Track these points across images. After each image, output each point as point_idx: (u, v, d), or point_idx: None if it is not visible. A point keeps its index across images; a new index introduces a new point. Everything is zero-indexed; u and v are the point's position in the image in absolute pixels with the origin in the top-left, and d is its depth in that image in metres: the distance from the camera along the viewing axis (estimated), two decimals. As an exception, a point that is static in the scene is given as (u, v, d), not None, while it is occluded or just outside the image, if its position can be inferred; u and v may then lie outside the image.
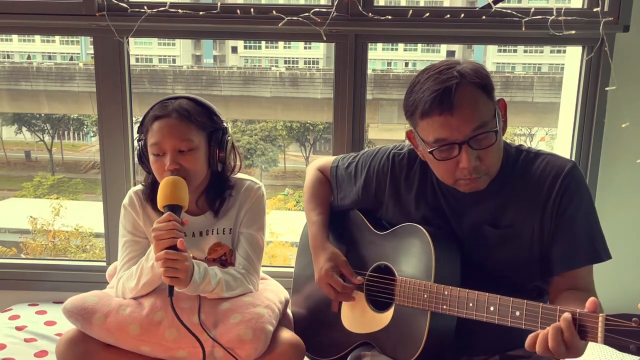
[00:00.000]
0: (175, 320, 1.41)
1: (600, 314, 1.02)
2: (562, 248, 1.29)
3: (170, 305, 1.40)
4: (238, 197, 1.65)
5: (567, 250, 1.29)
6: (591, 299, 1.05)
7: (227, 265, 1.64)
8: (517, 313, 1.15)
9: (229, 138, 1.61)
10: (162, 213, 1.45)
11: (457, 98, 1.20)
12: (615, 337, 0.99)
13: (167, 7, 1.96)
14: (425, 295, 1.31)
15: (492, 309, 1.19)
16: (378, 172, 1.50)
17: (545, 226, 1.31)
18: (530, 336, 1.09)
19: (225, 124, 1.62)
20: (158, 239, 1.40)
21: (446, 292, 1.27)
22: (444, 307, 1.27)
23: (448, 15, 1.96)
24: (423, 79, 1.26)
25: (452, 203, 1.39)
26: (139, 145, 1.59)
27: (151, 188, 1.61)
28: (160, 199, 1.46)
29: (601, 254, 1.30)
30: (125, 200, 1.66)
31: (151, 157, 1.55)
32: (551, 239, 1.31)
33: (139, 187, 1.67)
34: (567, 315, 1.05)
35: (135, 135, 1.63)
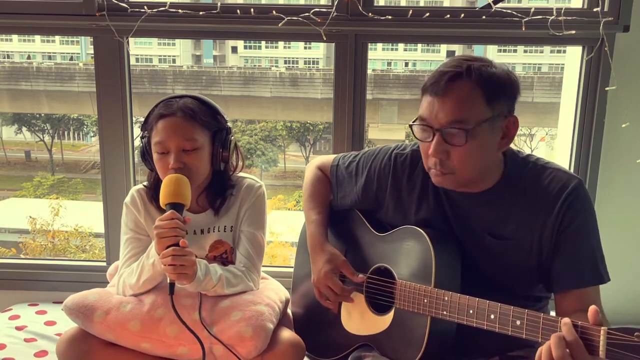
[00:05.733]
0: (176, 316, 1.41)
1: (602, 327, 1.00)
2: (564, 266, 1.27)
3: (170, 304, 1.40)
4: (239, 195, 1.66)
5: (569, 268, 1.27)
6: (591, 307, 1.03)
7: (227, 263, 1.64)
8: (518, 322, 1.13)
9: (232, 138, 1.61)
10: (165, 212, 1.45)
11: (450, 87, 1.22)
12: (618, 352, 0.97)
13: (167, 7, 1.95)
14: (425, 300, 1.30)
15: (492, 317, 1.18)
16: (379, 172, 1.49)
17: (545, 241, 1.29)
18: (537, 353, 1.07)
19: (228, 123, 1.63)
20: (160, 237, 1.40)
21: (446, 298, 1.26)
22: (444, 312, 1.26)
23: (448, 15, 1.95)
24: (446, 60, 1.29)
25: (455, 207, 1.38)
26: (142, 143, 1.59)
27: (155, 186, 1.61)
28: (163, 197, 1.46)
29: (604, 275, 1.28)
30: (127, 199, 1.66)
31: (155, 156, 1.55)
32: (552, 255, 1.29)
33: (142, 185, 1.68)
34: (567, 320, 1.03)
35: (138, 133, 1.63)
